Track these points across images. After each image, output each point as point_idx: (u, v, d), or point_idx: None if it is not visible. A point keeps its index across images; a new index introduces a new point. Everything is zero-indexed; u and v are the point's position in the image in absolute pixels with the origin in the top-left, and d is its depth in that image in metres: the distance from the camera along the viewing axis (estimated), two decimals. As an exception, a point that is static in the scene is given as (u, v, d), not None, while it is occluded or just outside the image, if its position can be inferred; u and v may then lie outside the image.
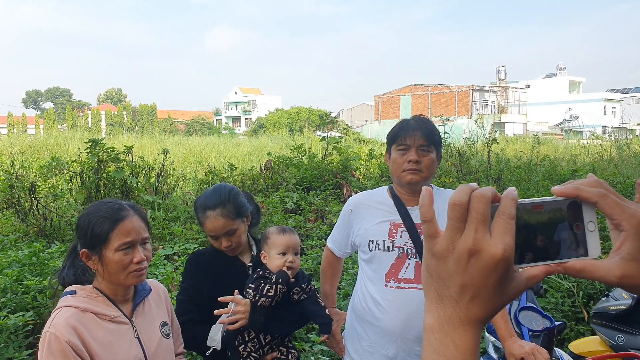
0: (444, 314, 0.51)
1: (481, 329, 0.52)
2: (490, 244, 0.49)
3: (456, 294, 0.51)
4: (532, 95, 44.79)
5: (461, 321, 0.51)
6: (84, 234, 1.49)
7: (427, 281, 0.53)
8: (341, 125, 19.97)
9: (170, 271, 3.95)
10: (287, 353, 1.89)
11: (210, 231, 1.87)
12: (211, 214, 1.85)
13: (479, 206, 0.50)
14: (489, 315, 0.51)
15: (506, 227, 0.49)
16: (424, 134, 1.87)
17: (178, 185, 8.28)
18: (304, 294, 1.89)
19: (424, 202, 0.53)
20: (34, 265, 4.10)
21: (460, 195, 0.51)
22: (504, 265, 0.49)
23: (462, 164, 9.49)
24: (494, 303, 0.51)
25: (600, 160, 11.64)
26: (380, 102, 42.54)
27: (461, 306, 0.51)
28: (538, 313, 2.05)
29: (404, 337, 1.84)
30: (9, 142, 16.28)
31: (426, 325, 0.53)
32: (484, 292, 0.50)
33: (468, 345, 0.50)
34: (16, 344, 3.07)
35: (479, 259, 0.49)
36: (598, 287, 4.15)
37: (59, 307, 1.47)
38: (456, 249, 0.50)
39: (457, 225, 0.51)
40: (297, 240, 1.91)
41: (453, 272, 0.50)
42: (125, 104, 63.80)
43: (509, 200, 0.51)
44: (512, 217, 0.50)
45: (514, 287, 0.51)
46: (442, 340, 0.51)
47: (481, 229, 0.49)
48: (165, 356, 1.60)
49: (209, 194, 1.91)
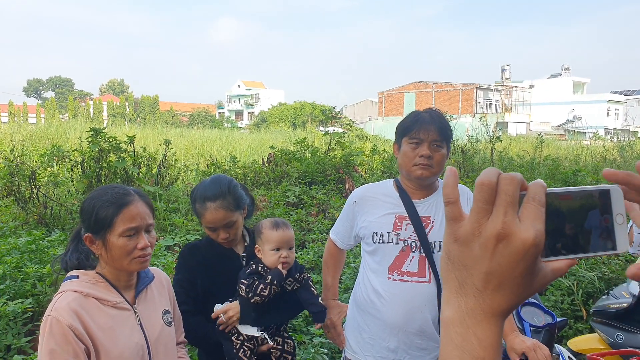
0: (466, 306, 0.48)
1: (503, 322, 0.49)
2: (520, 228, 0.46)
3: (480, 282, 0.47)
4: (536, 95, 44.64)
5: (484, 313, 0.47)
6: (88, 218, 1.48)
7: (448, 269, 0.50)
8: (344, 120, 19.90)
9: (171, 261, 3.95)
10: (282, 342, 1.88)
11: (209, 223, 1.84)
12: (211, 206, 1.81)
13: (509, 188, 0.47)
14: (513, 307, 0.48)
15: (537, 213, 0.47)
16: (438, 129, 1.85)
17: (180, 176, 8.28)
18: (297, 284, 1.87)
19: (448, 182, 0.50)
20: (33, 252, 4.11)
21: (488, 176, 0.47)
22: (534, 253, 0.46)
23: (465, 161, 9.48)
24: (519, 294, 0.47)
25: (603, 161, 11.63)
26: (384, 99, 42.42)
27: (485, 296, 0.47)
28: (540, 309, 2.05)
29: (405, 330, 1.84)
30: (10, 130, 16.27)
31: (445, 318, 0.49)
32: (511, 282, 0.47)
33: (492, 340, 0.47)
34: (15, 330, 3.08)
35: (508, 244, 0.46)
36: (597, 286, 4.15)
37: (61, 291, 1.46)
38: (483, 233, 0.46)
39: (484, 207, 0.47)
40: (290, 235, 1.86)
41: (478, 259, 0.47)
42: (127, 95, 63.74)
43: (539, 187, 0.48)
44: (542, 203, 0.47)
45: (540, 278, 0.48)
46: (464, 334, 0.47)
47: (511, 212, 0.46)
48: (167, 343, 1.60)
49: (207, 185, 1.86)
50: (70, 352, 1.35)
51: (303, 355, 2.89)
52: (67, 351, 1.34)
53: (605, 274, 4.29)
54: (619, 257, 4.67)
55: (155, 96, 56.83)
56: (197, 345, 1.93)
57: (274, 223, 1.86)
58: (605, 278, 4.26)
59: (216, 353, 1.86)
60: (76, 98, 57.39)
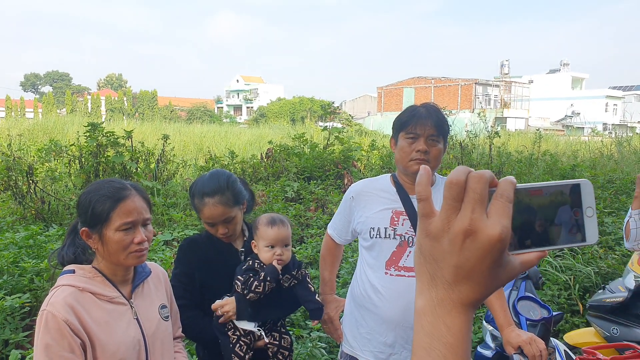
0: (436, 296, 0.50)
1: (473, 311, 0.51)
2: (487, 225, 0.48)
3: (449, 275, 0.50)
4: (535, 90, 44.61)
5: (454, 303, 0.50)
6: (85, 212, 1.48)
7: (420, 262, 0.52)
8: (343, 115, 19.87)
9: (169, 256, 3.95)
10: (279, 338, 1.87)
11: (207, 218, 1.83)
12: (209, 201, 1.80)
13: (477, 186, 0.49)
14: (481, 298, 0.51)
15: (504, 209, 0.49)
16: (434, 124, 1.84)
17: (178, 171, 8.27)
18: (294, 280, 1.86)
19: (420, 180, 0.52)
20: (31, 247, 4.10)
21: (457, 175, 0.50)
22: (500, 248, 0.48)
23: (464, 156, 9.48)
24: (487, 286, 0.50)
25: (601, 157, 11.65)
26: (383, 94, 42.35)
27: (454, 288, 0.50)
28: (536, 303, 2.05)
29: (402, 324, 1.84)
30: (7, 125, 16.21)
31: (417, 308, 0.52)
32: (478, 275, 0.49)
33: (460, 327, 0.50)
34: (12, 325, 3.08)
35: (474, 240, 0.48)
36: (594, 280, 4.17)
37: (57, 285, 1.46)
38: (451, 228, 0.49)
39: (453, 204, 0.49)
40: (286, 233, 1.84)
41: (447, 253, 0.49)
42: (125, 89, 63.47)
43: (508, 183, 0.50)
44: (509, 199, 0.49)
45: (508, 271, 0.50)
46: (434, 322, 0.50)
47: (478, 209, 0.48)
48: (163, 338, 1.60)
49: (206, 180, 1.85)
50: (66, 347, 1.35)
51: (301, 349, 2.90)
52: (63, 346, 1.34)
53: (601, 269, 4.31)
54: (615, 252, 4.69)
55: (154, 91, 56.66)
56: (194, 339, 1.93)
57: (270, 220, 1.85)
58: (601, 272, 4.28)
59: (213, 347, 1.86)
60: (74, 93, 57.16)
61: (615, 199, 6.73)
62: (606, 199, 6.69)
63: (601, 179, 7.90)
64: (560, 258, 4.44)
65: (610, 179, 8.06)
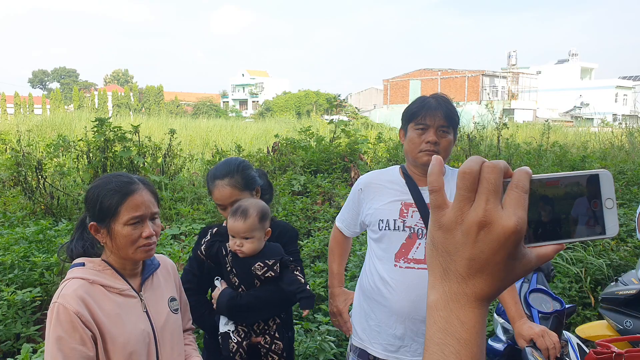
0: (449, 290, 0.49)
1: (487, 306, 0.50)
2: (502, 216, 0.46)
3: (463, 268, 0.48)
4: (543, 81, 44.16)
5: (467, 298, 0.48)
6: (93, 206, 1.47)
7: (432, 255, 0.51)
8: (349, 108, 19.81)
9: (177, 250, 3.96)
10: (270, 342, 1.81)
11: (217, 200, 1.89)
12: (219, 183, 1.87)
13: (490, 176, 0.47)
14: (496, 292, 0.49)
15: (519, 200, 0.47)
16: (444, 115, 1.81)
17: (185, 166, 8.28)
18: (270, 272, 1.77)
19: (433, 170, 0.50)
20: (41, 242, 4.13)
21: (470, 164, 0.48)
22: (515, 240, 0.46)
23: (472, 148, 9.42)
24: (502, 280, 0.48)
25: (611, 147, 11.51)
26: (389, 87, 42.15)
27: (468, 282, 0.48)
28: (548, 295, 2.03)
29: (412, 317, 1.83)
30: (16, 121, 16.32)
31: (430, 302, 0.51)
32: (492, 268, 0.47)
33: (474, 322, 0.48)
34: (24, 319, 3.10)
35: (489, 232, 0.46)
36: (606, 273, 4.12)
37: (67, 278, 1.46)
38: (465, 220, 0.48)
39: (466, 195, 0.48)
40: (244, 226, 1.73)
41: (461, 245, 0.48)
42: (132, 85, 63.66)
43: (523, 173, 0.48)
44: (525, 190, 0.47)
45: (523, 264, 0.49)
46: (447, 318, 0.49)
47: (492, 200, 0.47)
48: (173, 331, 1.60)
49: (219, 165, 1.95)
50: (77, 339, 1.35)
51: (310, 342, 2.89)
52: (74, 338, 1.35)
53: (613, 261, 4.26)
54: (627, 244, 4.63)
55: (160, 86, 56.80)
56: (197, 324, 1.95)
57: (233, 209, 1.78)
58: (613, 264, 4.23)
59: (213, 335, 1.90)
60: (81, 89, 57.41)
61: (626, 190, 6.65)
62: (617, 190, 6.62)
63: (612, 170, 7.81)
64: (571, 250, 4.39)
65: (621, 170, 7.97)
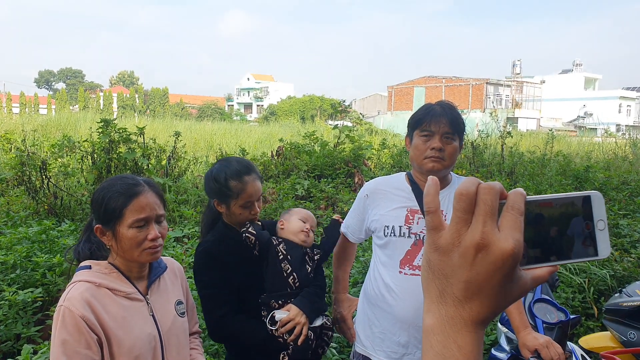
0: (446, 314, 0.48)
1: (484, 330, 0.49)
2: (499, 238, 0.46)
3: (460, 291, 0.48)
4: (547, 90, 44.14)
5: (464, 321, 0.48)
6: (98, 209, 1.47)
7: (428, 278, 0.50)
8: (353, 114, 19.82)
9: (180, 253, 3.96)
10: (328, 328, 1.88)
11: (250, 196, 1.79)
12: (249, 179, 1.78)
13: (487, 197, 0.47)
14: (492, 315, 0.49)
15: (515, 223, 0.47)
16: (449, 121, 1.81)
17: (189, 168, 8.30)
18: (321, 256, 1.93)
19: (428, 191, 0.50)
20: (43, 242, 4.12)
21: (467, 186, 0.48)
22: (512, 262, 0.46)
23: (475, 156, 9.40)
24: (499, 302, 0.48)
25: (615, 158, 11.48)
26: (393, 93, 42.18)
27: (465, 305, 0.48)
28: (553, 306, 2.02)
29: (416, 324, 1.82)
30: (21, 121, 16.40)
31: (426, 326, 0.50)
32: (489, 291, 0.47)
33: (472, 347, 0.48)
34: (24, 320, 3.09)
35: (486, 254, 0.46)
36: (609, 284, 4.10)
37: (73, 281, 1.46)
38: (462, 242, 0.47)
39: (463, 217, 0.48)
40: (313, 218, 1.96)
41: (457, 268, 0.48)
42: (137, 87, 63.93)
43: (518, 195, 0.48)
44: (521, 212, 0.47)
45: (519, 286, 0.49)
46: (444, 342, 0.48)
47: (489, 222, 0.47)
48: (179, 334, 1.59)
49: (234, 164, 1.83)
50: (83, 343, 1.34)
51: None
52: (80, 341, 1.34)
53: (617, 272, 4.23)
54: (630, 255, 4.60)
55: (165, 88, 57.03)
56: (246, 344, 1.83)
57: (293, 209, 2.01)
58: (617, 275, 4.20)
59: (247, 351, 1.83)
60: (86, 89, 57.72)
61: (630, 201, 6.62)
62: (621, 200, 6.59)
63: (616, 180, 7.79)
64: (574, 260, 4.37)
65: (624, 181, 7.94)
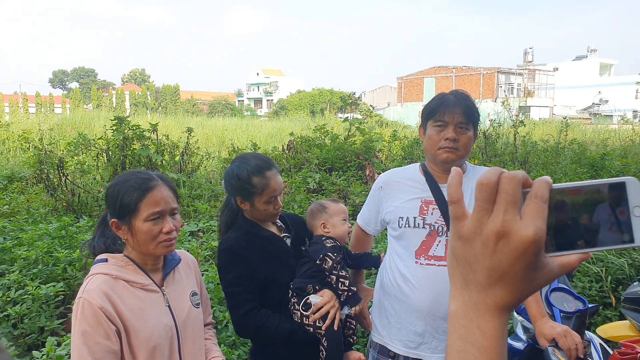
0: (469, 299, 0.50)
1: (508, 315, 0.50)
2: (520, 226, 0.47)
3: (482, 278, 0.49)
4: (561, 78, 43.37)
5: (487, 307, 0.49)
6: (113, 203, 1.50)
7: (453, 265, 0.52)
8: (363, 107, 19.74)
9: (196, 247, 4.01)
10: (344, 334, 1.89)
11: (274, 191, 1.78)
12: (270, 174, 1.79)
13: (508, 187, 0.48)
14: (517, 301, 0.49)
15: (538, 210, 0.47)
16: (463, 111, 1.80)
17: (202, 163, 8.36)
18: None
19: (452, 182, 0.51)
20: (63, 238, 4.21)
21: (488, 176, 0.49)
22: (534, 250, 0.47)
23: (488, 146, 9.32)
24: (522, 289, 0.49)
25: (632, 145, 11.28)
26: (403, 84, 41.86)
27: (487, 291, 0.49)
28: (570, 294, 2.00)
29: (432, 314, 1.82)
30: (38, 120, 16.64)
31: (451, 311, 0.52)
32: (512, 277, 0.48)
33: (495, 331, 0.49)
34: (47, 313, 3.17)
35: (507, 242, 0.47)
36: (627, 272, 4.05)
37: (91, 274, 1.49)
38: (484, 231, 0.48)
39: (484, 206, 0.49)
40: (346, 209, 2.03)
41: (480, 255, 0.49)
42: (148, 84, 64.38)
43: (542, 183, 0.48)
44: (544, 200, 0.47)
45: (544, 274, 0.49)
46: (468, 326, 0.49)
47: (511, 210, 0.47)
48: (194, 325, 1.62)
49: (254, 159, 1.82)
50: (102, 334, 1.37)
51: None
52: (99, 332, 1.37)
53: (635, 260, 4.18)
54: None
55: (176, 85, 57.36)
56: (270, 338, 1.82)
57: (331, 199, 2.05)
58: (635, 264, 4.15)
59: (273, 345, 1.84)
60: (99, 88, 58.30)
61: (648, 189, 6.51)
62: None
63: (633, 167, 7.67)
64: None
65: (642, 168, 7.81)
